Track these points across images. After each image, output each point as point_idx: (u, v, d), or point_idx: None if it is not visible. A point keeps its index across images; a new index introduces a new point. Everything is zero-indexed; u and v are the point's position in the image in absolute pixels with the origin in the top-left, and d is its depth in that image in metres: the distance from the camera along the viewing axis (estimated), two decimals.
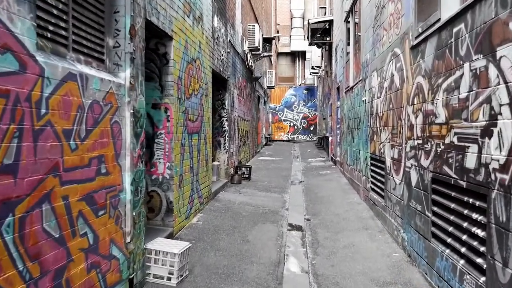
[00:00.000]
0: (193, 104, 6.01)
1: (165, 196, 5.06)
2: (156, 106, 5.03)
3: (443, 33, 3.42)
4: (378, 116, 6.09)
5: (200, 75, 6.48)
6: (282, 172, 11.58)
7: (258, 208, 6.95)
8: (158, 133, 5.04)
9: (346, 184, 9.22)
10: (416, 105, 4.17)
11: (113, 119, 3.06)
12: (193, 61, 5.98)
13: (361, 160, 7.74)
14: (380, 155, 5.95)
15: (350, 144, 9.33)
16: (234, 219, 6.16)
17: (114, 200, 3.09)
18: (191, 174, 5.93)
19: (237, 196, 7.90)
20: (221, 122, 9.12)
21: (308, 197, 8.02)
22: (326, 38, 13.65)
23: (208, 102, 7.05)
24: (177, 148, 5.23)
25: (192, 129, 5.99)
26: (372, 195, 6.50)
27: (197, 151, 6.28)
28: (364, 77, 7.34)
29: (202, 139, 6.61)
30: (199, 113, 6.41)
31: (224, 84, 9.07)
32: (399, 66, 4.85)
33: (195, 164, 6.12)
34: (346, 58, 9.98)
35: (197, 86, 6.25)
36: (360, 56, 7.87)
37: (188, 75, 5.72)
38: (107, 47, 3.21)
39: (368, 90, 6.89)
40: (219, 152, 9.14)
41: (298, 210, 6.94)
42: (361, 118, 7.76)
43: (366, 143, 7.18)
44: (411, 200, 4.34)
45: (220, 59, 8.19)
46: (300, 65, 29.24)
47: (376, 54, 6.20)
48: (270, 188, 8.96)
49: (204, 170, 6.72)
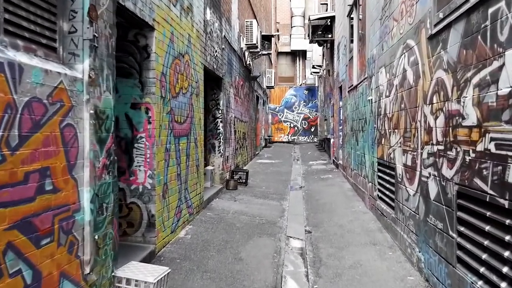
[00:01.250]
0: (180, 104, 5.40)
1: (146, 208, 4.45)
2: (136, 106, 4.42)
3: (473, 16, 2.80)
4: (387, 117, 5.47)
5: (190, 72, 5.86)
6: (281, 177, 10.96)
7: (254, 218, 6.33)
8: (138, 136, 4.43)
9: (349, 190, 8.60)
10: (436, 104, 3.55)
11: (64, 121, 2.44)
12: (180, 56, 5.37)
13: (366, 165, 7.12)
14: (389, 161, 5.33)
15: (353, 147, 8.71)
16: (227, 231, 5.53)
17: (66, 223, 2.47)
18: (178, 182, 5.31)
19: (232, 204, 7.28)
20: (216, 123, 8.50)
21: (308, 204, 7.40)
22: (328, 35, 13.04)
23: (199, 102, 6.43)
24: (161, 154, 4.62)
25: (180, 132, 5.38)
26: (380, 204, 5.88)
27: (186, 156, 5.66)
28: (370, 74, 6.72)
29: (192, 143, 5.99)
30: (188, 114, 5.79)
31: (218, 83, 8.45)
32: (413, 60, 4.24)
33: (183, 170, 5.50)
34: (350, 55, 9.36)
35: (185, 84, 5.63)
36: (365, 52, 7.25)
37: (174, 72, 5.11)
38: (61, 32, 2.60)
39: (375, 89, 6.27)
40: (213, 156, 8.52)
41: (298, 220, 6.32)
42: (366, 119, 7.14)
43: (372, 146, 6.56)
44: (429, 216, 3.72)
45: (214, 56, 7.57)
46: (301, 64, 28.57)
47: (384, 48, 5.59)
48: (268, 195, 8.34)
49: (194, 177, 6.11)
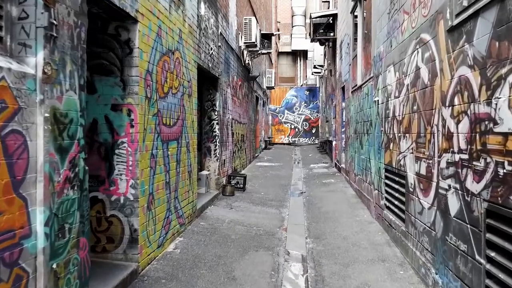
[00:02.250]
0: (170, 105, 4.92)
1: (127, 222, 3.97)
2: (117, 107, 3.95)
3: (509, 1, 2.33)
4: (396, 120, 4.99)
5: (181, 70, 5.39)
6: (281, 181, 10.47)
7: (251, 229, 5.85)
8: (119, 142, 3.95)
9: (353, 197, 8.11)
10: (458, 106, 3.08)
11: (7, 127, 1.97)
12: (170, 53, 4.90)
13: (372, 170, 6.63)
14: (399, 168, 4.85)
15: (357, 150, 8.22)
16: (221, 244, 5.06)
17: (10, 253, 2.00)
18: (167, 191, 4.83)
19: (228, 212, 6.80)
20: (211, 125, 8.03)
21: (310, 212, 6.92)
22: (330, 33, 12.56)
23: (192, 102, 5.96)
24: (145, 161, 4.14)
25: (169, 135, 4.90)
26: (387, 214, 5.40)
27: (176, 162, 5.18)
28: (376, 73, 6.24)
29: (184, 147, 5.51)
30: (179, 116, 5.31)
31: (214, 83, 7.97)
32: (429, 56, 3.76)
33: (172, 178, 5.03)
34: (353, 54, 8.88)
35: (176, 84, 5.16)
36: (371, 50, 6.78)
37: (162, 70, 4.64)
38: (8, 18, 2.13)
39: (382, 89, 5.79)
40: (208, 160, 8.04)
41: (298, 231, 5.84)
42: (372, 122, 6.66)
43: (378, 151, 6.08)
44: (449, 234, 3.24)
45: (209, 54, 7.10)
46: (302, 64, 28.07)
47: (393, 45, 5.11)
48: (267, 201, 7.86)
49: (186, 184, 5.63)
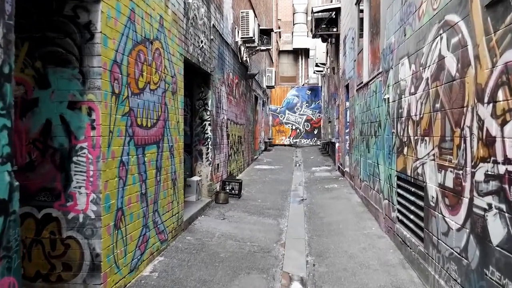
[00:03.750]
0: (147, 103, 4.22)
1: (88, 245, 3.26)
2: (75, 105, 3.24)
3: None
4: (412, 121, 4.27)
5: (162, 63, 4.69)
6: (280, 186, 9.75)
7: (244, 244, 5.14)
8: (77, 147, 3.24)
9: (359, 205, 7.38)
10: (504, 102, 2.36)
11: None
12: (147, 42, 4.20)
13: (381, 177, 5.91)
14: (415, 177, 4.13)
15: (364, 154, 7.50)
16: (207, 265, 4.35)
17: None
18: (143, 204, 4.12)
19: (220, 224, 6.09)
20: (203, 127, 7.32)
21: (311, 224, 6.20)
22: (333, 29, 11.84)
23: (177, 101, 5.26)
24: (111, 170, 3.44)
25: (146, 139, 4.20)
26: (400, 229, 4.68)
27: (156, 169, 4.47)
28: (385, 68, 5.52)
29: (166, 152, 4.81)
30: (160, 116, 4.61)
31: (206, 79, 7.27)
32: (457, 42, 3.04)
33: (150, 188, 4.32)
34: (359, 49, 8.16)
35: (155, 78, 4.46)
36: (379, 43, 6.06)
37: (136, 61, 3.94)
38: None
39: (394, 85, 5.08)
40: (200, 165, 7.34)
41: (298, 247, 5.12)
42: (380, 123, 5.94)
43: (389, 156, 5.36)
44: (489, 267, 2.52)
45: (199, 47, 6.39)
46: (303, 63, 27.33)
47: (408, 33, 4.39)
48: (264, 210, 7.14)
49: (169, 194, 4.92)
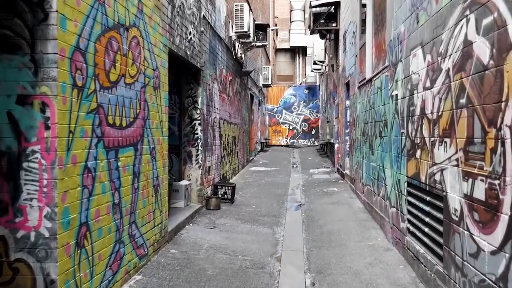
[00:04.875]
0: (121, 99, 3.65)
1: (41, 269, 2.68)
2: (25, 100, 2.67)
3: None
4: (427, 119, 3.72)
5: (141, 54, 4.11)
6: (277, 190, 9.18)
7: (235, 258, 4.57)
8: (28, 151, 2.67)
9: (361, 211, 6.83)
10: None
11: None
12: (121, 28, 3.62)
13: (387, 182, 5.36)
14: (432, 184, 3.58)
15: (366, 156, 6.95)
16: (192, 286, 3.77)
17: None
18: (116, 215, 3.55)
19: (209, 234, 5.52)
20: (193, 126, 6.75)
21: (310, 233, 5.63)
22: (332, 24, 11.29)
23: (160, 97, 4.69)
24: (72, 178, 2.86)
25: (120, 140, 3.62)
26: (412, 242, 4.13)
27: (133, 175, 3.90)
28: (393, 61, 4.97)
29: (146, 155, 4.24)
30: (138, 114, 4.04)
31: (196, 75, 6.70)
32: (491, 23, 2.49)
33: (126, 197, 3.74)
34: (361, 43, 7.61)
35: (132, 71, 3.88)
36: (386, 33, 5.51)
37: (107, 49, 3.36)
38: None
39: (403, 80, 4.53)
40: (189, 168, 6.76)
41: (296, 261, 4.57)
42: (386, 122, 5.39)
43: (397, 159, 4.81)
44: None
45: (187, 39, 5.82)
46: (301, 62, 26.75)
47: (422, 19, 3.84)
48: (258, 217, 6.57)
49: (150, 203, 4.35)
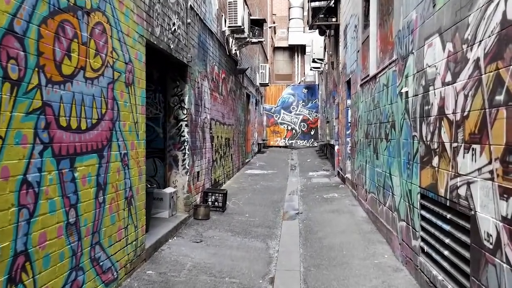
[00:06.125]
0: (79, 96, 3.03)
1: None
2: None
3: None
4: (448, 120, 3.10)
5: (109, 44, 3.49)
6: (273, 195, 8.56)
7: (221, 281, 3.94)
8: None
9: (364, 221, 6.20)
10: None
11: None
12: (78, 12, 3.00)
13: (395, 191, 4.74)
14: (455, 200, 2.95)
15: (370, 160, 6.33)
16: None
17: None
18: (72, 238, 2.92)
19: (194, 250, 4.89)
20: (179, 128, 6.12)
21: (308, 248, 5.01)
22: (332, 19, 10.67)
23: (135, 95, 4.06)
24: (2, 197, 2.24)
25: (76, 146, 3.00)
26: (427, 264, 3.51)
27: (96, 187, 3.28)
28: (403, 54, 4.36)
29: (115, 162, 3.61)
30: (105, 114, 3.41)
31: (182, 72, 6.07)
32: None
33: (86, 214, 3.12)
34: (363, 37, 7.00)
35: (95, 63, 3.26)
36: (393, 23, 4.90)
37: (58, 36, 2.74)
38: None
39: (415, 75, 3.91)
40: (175, 174, 6.14)
41: (291, 285, 3.94)
42: (394, 123, 4.78)
43: (407, 166, 4.19)
44: None
45: (170, 30, 5.20)
46: (299, 61, 26.14)
47: (439, 2, 3.23)
48: (251, 228, 5.95)
49: (120, 218, 3.73)
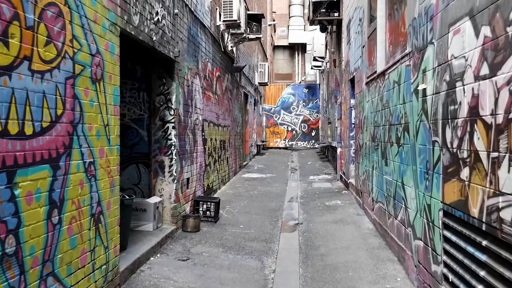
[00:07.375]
0: (22, 93, 2.43)
1: None
2: None
3: None
4: (483, 123, 2.48)
5: (67, 31, 2.89)
6: (271, 202, 7.94)
7: None
8: None
9: (372, 234, 5.58)
10: None
11: None
12: None
13: (408, 204, 4.13)
14: (494, 224, 2.34)
15: (378, 166, 5.72)
16: None
17: None
18: (8, 273, 2.32)
19: (178, 270, 4.27)
20: (165, 130, 5.51)
21: (309, 267, 4.40)
22: (334, 13, 10.07)
23: (105, 94, 3.46)
24: None
25: (15, 156, 2.39)
26: None
27: (49, 205, 2.67)
28: (419, 45, 3.74)
29: (77, 173, 3.00)
30: (61, 115, 2.81)
31: (169, 68, 5.46)
32: None
33: (33, 240, 2.51)
34: (370, 30, 6.38)
35: (47, 54, 2.66)
36: (406, 11, 4.29)
37: None
38: None
39: (436, 68, 3.29)
40: (161, 181, 5.52)
41: None
42: (407, 125, 4.16)
43: (425, 176, 3.57)
44: None
45: (152, 20, 4.60)
46: (300, 60, 25.52)
47: None
48: (245, 243, 5.33)
49: (84, 240, 3.12)
